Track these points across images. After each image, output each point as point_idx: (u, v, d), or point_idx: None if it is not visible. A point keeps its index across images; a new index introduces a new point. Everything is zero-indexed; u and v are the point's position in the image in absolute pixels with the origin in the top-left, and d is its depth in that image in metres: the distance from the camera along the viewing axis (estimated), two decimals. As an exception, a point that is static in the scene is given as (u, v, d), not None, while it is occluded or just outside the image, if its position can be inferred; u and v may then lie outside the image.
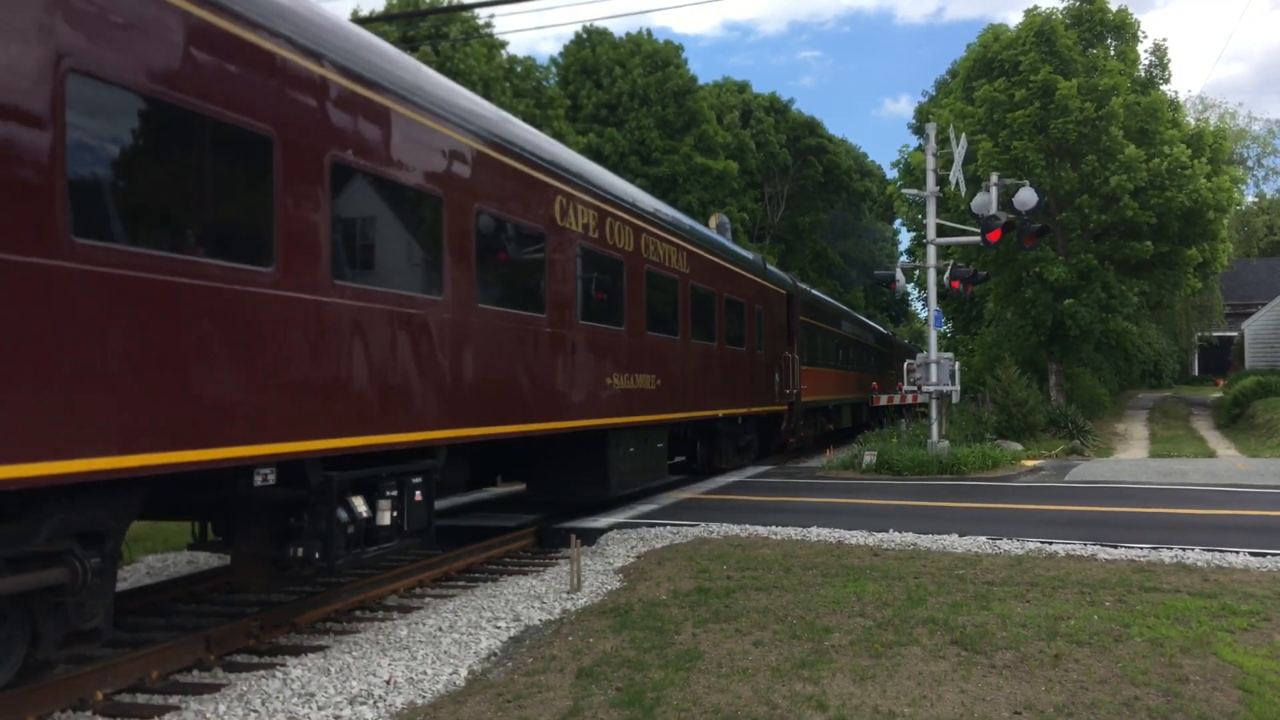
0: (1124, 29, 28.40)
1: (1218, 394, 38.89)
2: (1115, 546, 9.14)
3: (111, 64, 5.04)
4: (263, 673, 5.94)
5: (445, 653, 6.26)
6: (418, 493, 7.59)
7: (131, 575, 9.44)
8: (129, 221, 5.23)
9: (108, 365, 4.98)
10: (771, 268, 20.52)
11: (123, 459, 5.02)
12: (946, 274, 19.06)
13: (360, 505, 6.87)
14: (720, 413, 15.85)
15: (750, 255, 19.02)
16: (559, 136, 28.90)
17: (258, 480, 6.21)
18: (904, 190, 27.25)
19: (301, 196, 6.34)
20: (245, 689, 5.60)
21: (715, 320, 15.59)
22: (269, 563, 6.75)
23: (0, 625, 4.89)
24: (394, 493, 7.30)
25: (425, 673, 5.83)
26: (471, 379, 8.34)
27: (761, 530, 10.40)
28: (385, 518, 7.15)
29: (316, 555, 6.61)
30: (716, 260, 15.88)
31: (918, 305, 60.44)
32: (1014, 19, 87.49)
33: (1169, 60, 28.71)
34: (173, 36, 5.41)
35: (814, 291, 25.98)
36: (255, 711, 5.23)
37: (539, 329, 9.65)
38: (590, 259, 10.91)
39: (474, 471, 9.77)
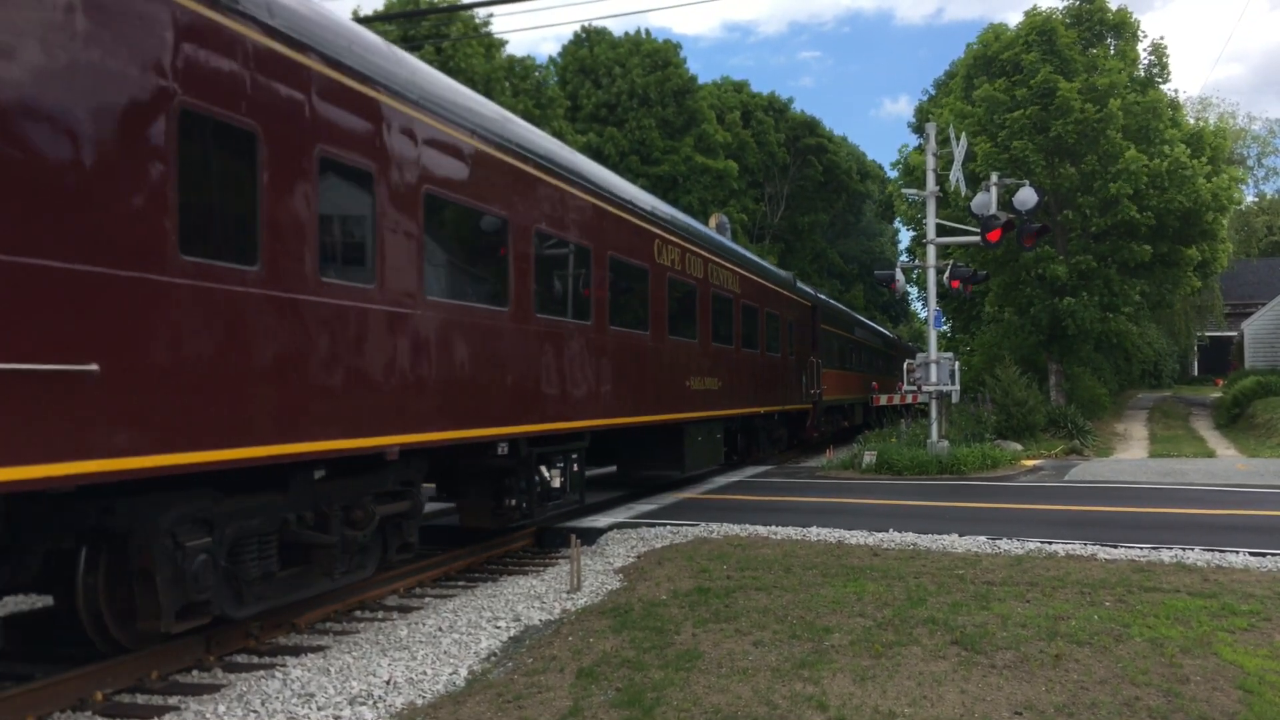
0: (1123, 28, 28.41)
1: (1217, 394, 38.89)
2: (1115, 546, 9.14)
3: (450, 187, 8.17)
4: (263, 673, 5.94)
5: (445, 653, 6.26)
6: (575, 464, 10.64)
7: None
8: (440, 281, 8.08)
9: (442, 373, 7.92)
10: (800, 283, 23.58)
11: (443, 433, 7.93)
12: (946, 274, 19.06)
13: (546, 472, 9.88)
14: (762, 410, 18.50)
15: (783, 274, 22.12)
16: (559, 136, 28.89)
17: (499, 451, 9.09)
18: (904, 190, 27.28)
19: (522, 259, 9.31)
20: (245, 689, 5.60)
21: (758, 332, 18.35)
22: (489, 511, 9.60)
23: (374, 535, 7.57)
24: (561, 464, 10.26)
25: (425, 673, 5.83)
26: (606, 382, 11.28)
27: (761, 530, 10.40)
28: (557, 481, 10.11)
29: (524, 505, 9.49)
30: (760, 280, 18.71)
31: (918, 305, 60.46)
32: (1013, 20, 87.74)
33: (1168, 59, 28.74)
34: (470, 164, 8.50)
35: (832, 302, 28.80)
36: (255, 712, 5.22)
37: (644, 343, 12.61)
38: (675, 287, 13.75)
39: None
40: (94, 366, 5.00)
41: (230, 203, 5.97)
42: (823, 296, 26.44)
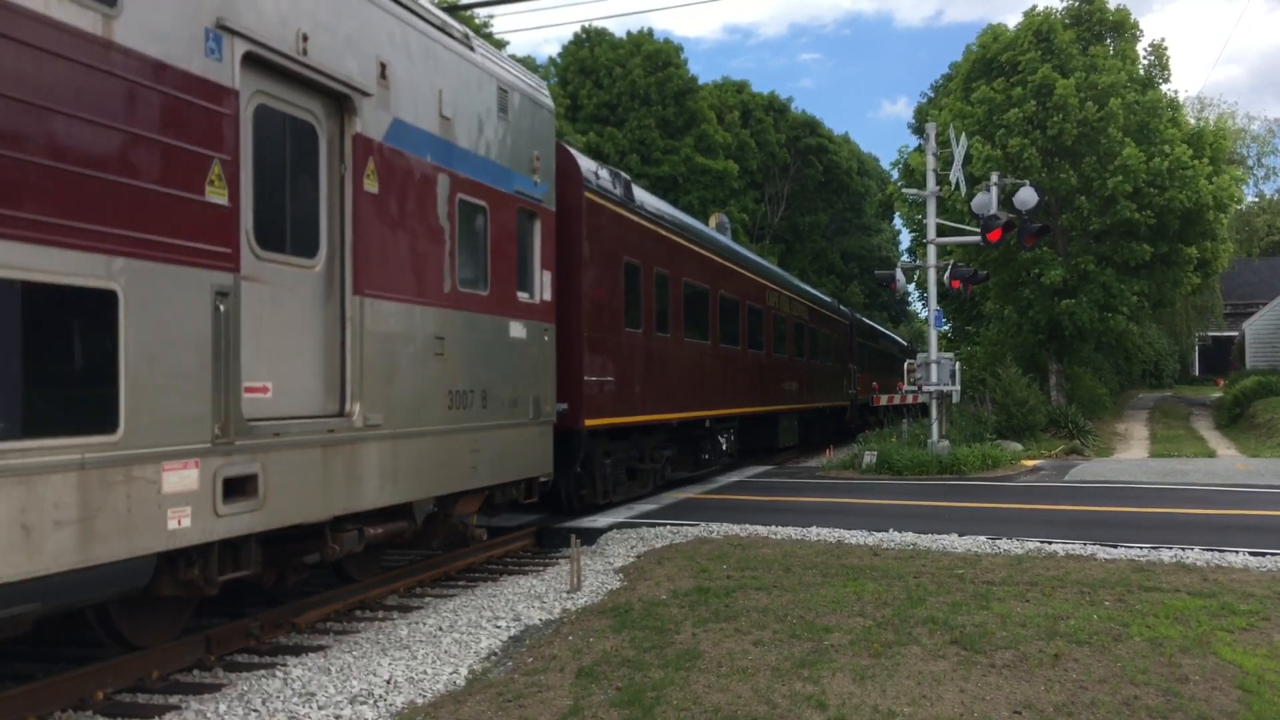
0: (1123, 28, 28.40)
1: (1218, 394, 38.86)
2: (1115, 546, 9.15)
3: (691, 275, 15.16)
4: (263, 672, 5.94)
5: (445, 652, 6.26)
6: (731, 435, 17.31)
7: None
8: (688, 328, 14.88)
9: (689, 379, 14.80)
10: (841, 306, 31.10)
11: (688, 413, 14.67)
12: (946, 274, 19.04)
13: (719, 439, 16.46)
14: (819, 405, 24.99)
15: (829, 299, 29.18)
16: (559, 135, 28.83)
17: (705, 424, 15.62)
18: (904, 190, 27.26)
19: (714, 313, 16.21)
20: (245, 689, 5.60)
21: (817, 347, 25.14)
22: (691, 461, 15.72)
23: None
24: (725, 435, 16.88)
25: (425, 672, 5.83)
26: (745, 385, 18.04)
27: (761, 530, 10.40)
28: (724, 446, 16.85)
29: (710, 458, 16.10)
30: (818, 309, 25.70)
31: (918, 305, 60.35)
32: (1013, 21, 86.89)
33: (1169, 59, 28.71)
34: (697, 262, 15.62)
35: (864, 319, 35.46)
36: (256, 711, 5.23)
37: (763, 359, 19.50)
38: (776, 319, 20.65)
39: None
40: (612, 378, 11.80)
41: (636, 300, 12.79)
42: (857, 315, 33.41)
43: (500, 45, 33.35)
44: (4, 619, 4.58)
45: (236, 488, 5.73)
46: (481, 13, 30.80)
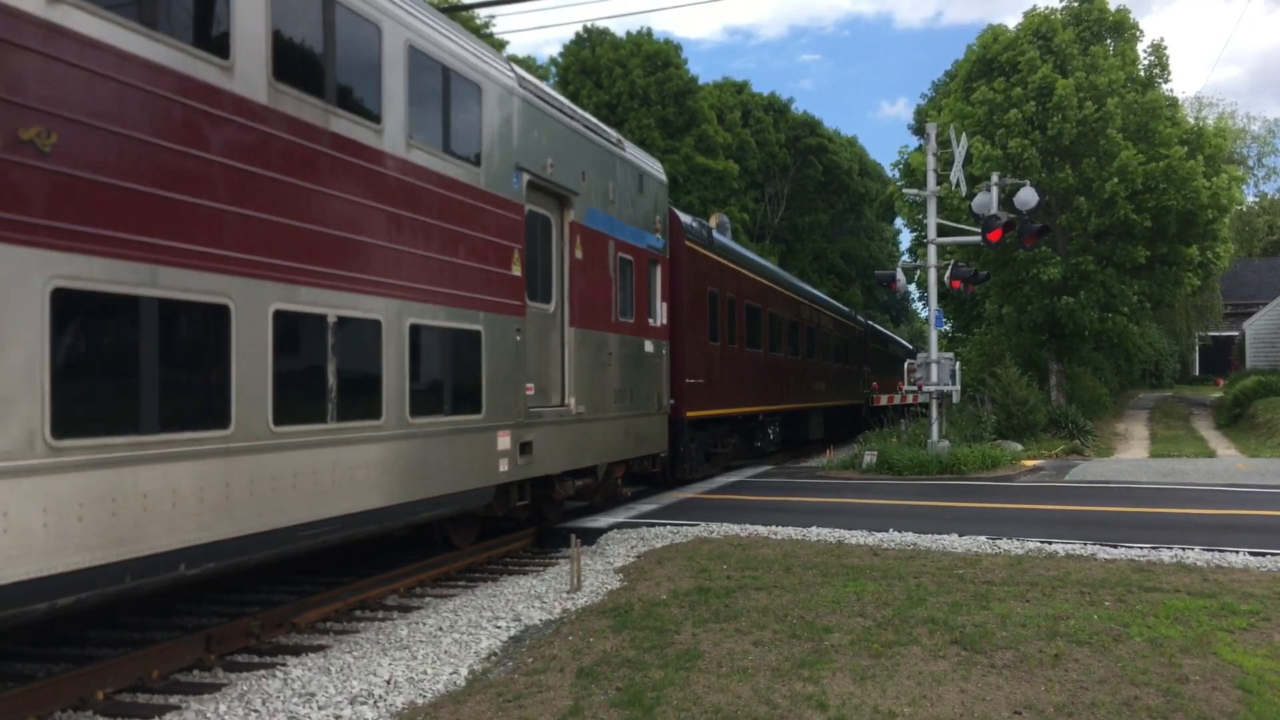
0: (1122, 28, 28.38)
1: (1218, 394, 38.84)
2: (1115, 546, 9.14)
3: (749, 297, 19.17)
4: (263, 672, 5.95)
5: (445, 652, 6.26)
6: (777, 428, 21.34)
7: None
8: (746, 338, 18.80)
9: (749, 377, 18.86)
10: (857, 315, 34.47)
11: (748, 408, 18.75)
12: (947, 273, 19.02)
13: (767, 431, 20.46)
14: (839, 403, 28.40)
15: (846, 309, 32.94)
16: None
17: (759, 418, 19.75)
18: (905, 190, 27.23)
19: (765, 326, 20.34)
20: (246, 689, 5.60)
21: (838, 352, 28.93)
22: (746, 449, 19.25)
23: (738, 440, 18.92)
24: (770, 428, 20.60)
25: (425, 672, 5.83)
26: (787, 386, 21.76)
27: (761, 530, 10.40)
28: (771, 436, 20.80)
29: (762, 446, 20.18)
30: (838, 318, 29.59)
31: (918, 305, 60.24)
32: (1013, 22, 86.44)
33: (1168, 59, 28.67)
34: (750, 285, 19.49)
35: (876, 326, 39.11)
36: (256, 711, 5.23)
37: (798, 363, 23.22)
38: (807, 329, 24.42)
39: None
40: (702, 380, 15.55)
41: (715, 320, 16.38)
42: (871, 323, 36.93)
43: (500, 46, 33.37)
44: (445, 516, 8.57)
45: (524, 449, 9.40)
46: (482, 13, 30.80)
